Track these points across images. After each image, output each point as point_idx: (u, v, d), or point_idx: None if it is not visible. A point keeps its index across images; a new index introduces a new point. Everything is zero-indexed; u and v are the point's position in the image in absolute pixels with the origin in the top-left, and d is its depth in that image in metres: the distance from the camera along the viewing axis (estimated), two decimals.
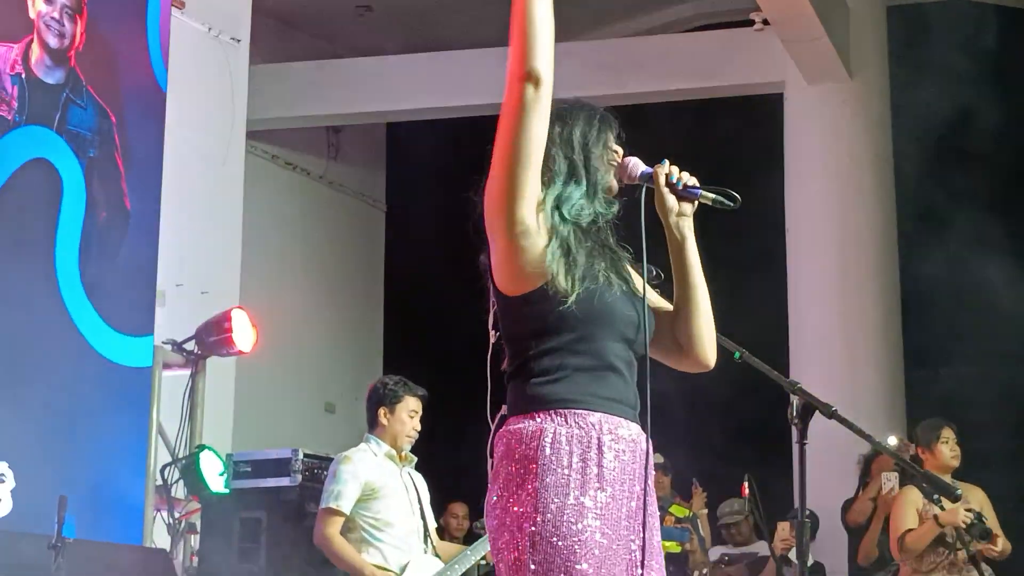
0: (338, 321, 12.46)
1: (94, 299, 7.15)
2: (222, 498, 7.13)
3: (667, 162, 3.21)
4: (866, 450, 8.49)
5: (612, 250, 3.19)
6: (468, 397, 3.87)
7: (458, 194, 3.23)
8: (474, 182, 3.11)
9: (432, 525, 6.36)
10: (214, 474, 7.15)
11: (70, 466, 6.79)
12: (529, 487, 2.99)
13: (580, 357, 3.06)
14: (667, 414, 3.29)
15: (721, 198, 3.19)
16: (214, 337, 7.66)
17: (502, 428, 3.10)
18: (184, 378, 7.76)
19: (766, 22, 10.43)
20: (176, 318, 7.99)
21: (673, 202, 3.18)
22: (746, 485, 7.77)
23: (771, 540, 8.45)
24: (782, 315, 10.63)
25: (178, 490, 7.42)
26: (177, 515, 7.39)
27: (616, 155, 3.23)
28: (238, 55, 9.38)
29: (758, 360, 3.95)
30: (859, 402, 9.11)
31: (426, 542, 6.24)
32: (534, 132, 3.02)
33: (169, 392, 7.60)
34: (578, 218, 3.13)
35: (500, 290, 3.13)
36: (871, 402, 9.78)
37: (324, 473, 6.53)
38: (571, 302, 3.04)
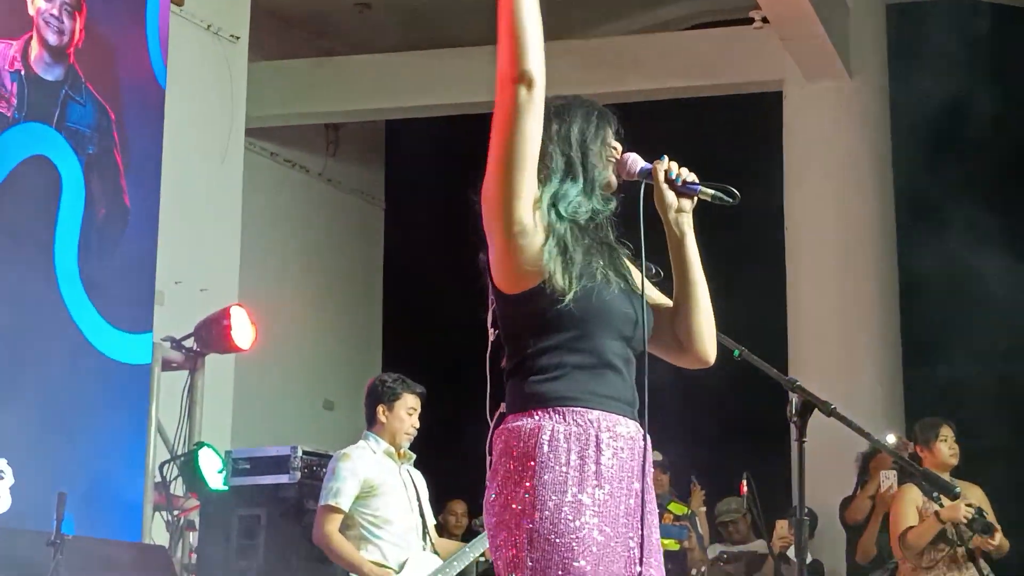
0: (337, 318, 12.46)
1: (93, 296, 7.14)
2: (221, 495, 7.13)
3: (666, 158, 3.21)
4: (865, 448, 8.49)
5: (611, 247, 3.18)
6: (467, 394, 3.86)
7: (457, 191, 3.23)
8: (473, 179, 3.10)
9: (431, 522, 6.36)
10: (213, 471, 7.15)
11: (69, 463, 6.79)
12: (527, 484, 2.99)
13: (578, 355, 3.06)
14: (666, 412, 3.29)
15: (720, 194, 3.18)
16: (213, 334, 7.67)
17: (501, 426, 3.10)
18: (183, 375, 7.77)
19: (765, 20, 10.44)
20: (175, 315, 8.00)
21: (672, 198, 3.17)
22: (744, 483, 7.78)
23: (769, 538, 8.45)
24: (781, 314, 10.64)
25: (177, 487, 7.42)
26: (176, 512, 7.40)
27: (615, 151, 3.22)
28: (237, 52, 9.38)
29: (757, 358, 3.95)
30: (857, 400, 9.10)
31: (425, 539, 6.24)
32: (529, 133, 3.01)
33: (168, 389, 7.60)
34: (575, 215, 3.12)
35: (498, 288, 3.12)
36: (869, 400, 9.78)
37: (323, 470, 6.52)
38: (568, 300, 3.03)
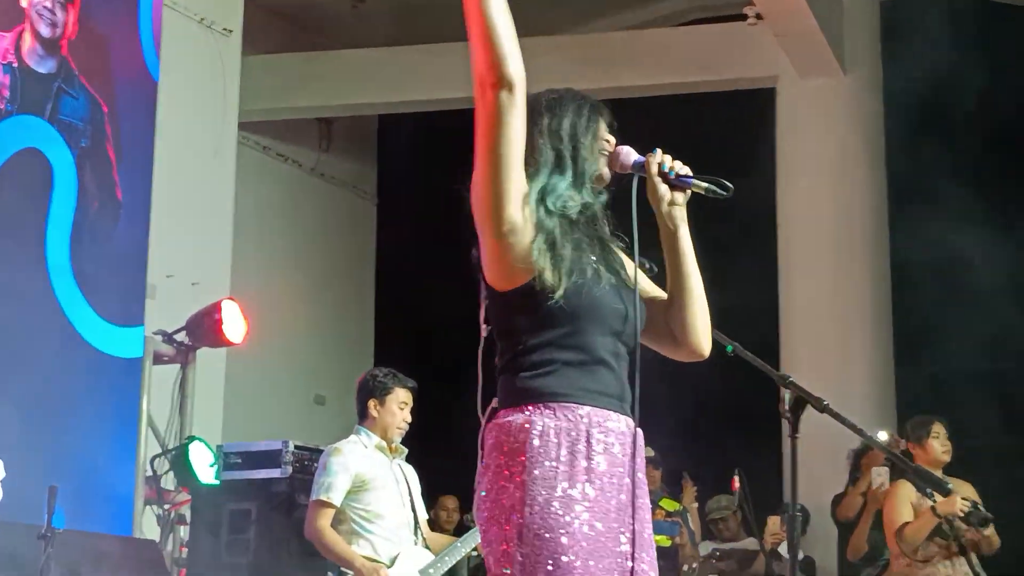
0: (329, 313, 12.45)
1: (85, 289, 7.13)
2: (212, 489, 7.12)
3: (659, 151, 3.20)
4: (857, 445, 8.48)
5: (603, 241, 3.18)
6: (458, 390, 3.86)
7: (449, 186, 3.21)
8: (465, 175, 3.09)
9: (423, 517, 6.35)
10: (203, 465, 7.14)
11: (59, 456, 6.77)
12: (518, 480, 2.98)
13: (569, 352, 3.05)
14: (658, 408, 3.28)
15: (714, 187, 3.16)
16: (204, 328, 7.65)
17: (492, 421, 3.09)
18: (174, 369, 7.76)
19: (759, 16, 10.44)
20: (167, 309, 7.99)
21: (665, 191, 3.16)
22: (736, 479, 7.78)
23: (761, 535, 8.45)
24: (773, 309, 10.64)
25: (168, 481, 7.42)
26: (167, 506, 7.39)
27: (608, 144, 3.22)
28: (230, 46, 9.36)
29: (750, 354, 3.95)
30: (849, 397, 9.10)
31: (417, 534, 6.23)
32: (513, 135, 2.99)
33: (159, 383, 7.59)
34: (564, 209, 3.11)
35: (490, 285, 3.11)
36: (861, 397, 9.78)
37: (314, 465, 6.51)
38: (558, 297, 3.03)
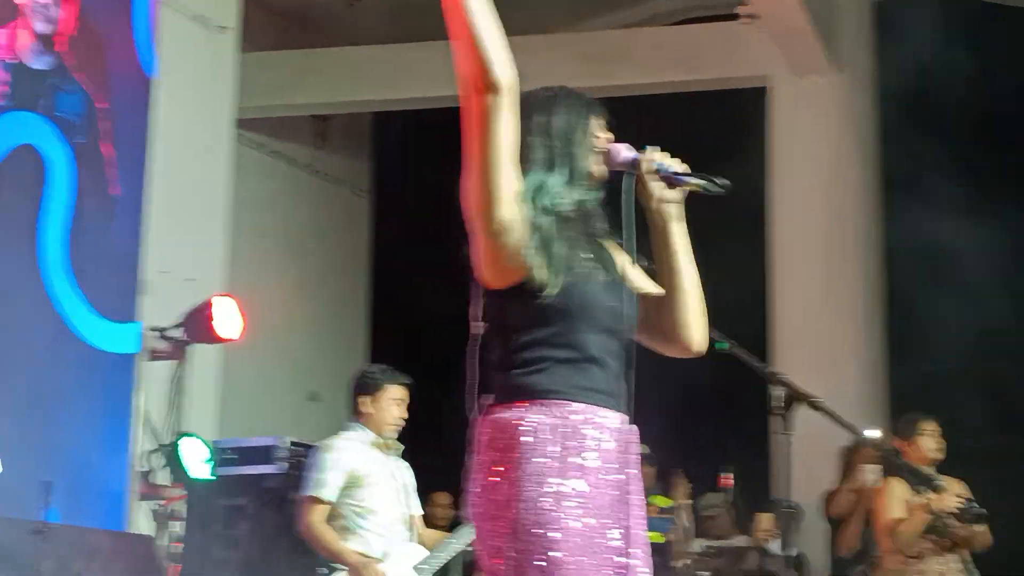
0: (324, 309, 12.46)
1: (80, 285, 7.14)
2: (206, 485, 7.13)
3: (653, 148, 3.20)
4: (848, 441, 8.49)
5: (597, 239, 3.19)
6: (452, 386, 3.87)
7: (444, 183, 3.23)
8: (459, 172, 3.10)
9: (418, 513, 6.37)
10: (195, 461, 7.15)
11: (54, 452, 6.79)
12: (510, 476, 2.99)
13: (561, 350, 3.06)
14: (651, 404, 3.30)
15: (708, 184, 3.16)
16: (199, 324, 7.66)
17: (484, 418, 3.11)
18: (169, 365, 7.76)
19: (752, 16, 10.45)
20: (162, 305, 7.98)
21: (656, 188, 3.16)
22: (729, 476, 7.79)
23: (752, 531, 8.47)
24: (765, 308, 10.65)
25: (161, 476, 7.42)
26: (160, 501, 7.40)
27: (601, 141, 3.21)
28: (226, 43, 9.36)
29: (743, 351, 3.97)
30: (842, 394, 9.11)
31: (411, 530, 6.25)
32: (503, 137, 2.97)
33: (154, 379, 7.60)
34: (557, 207, 3.11)
35: (483, 283, 3.12)
36: (853, 394, 9.79)
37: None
38: (551, 295, 3.04)
